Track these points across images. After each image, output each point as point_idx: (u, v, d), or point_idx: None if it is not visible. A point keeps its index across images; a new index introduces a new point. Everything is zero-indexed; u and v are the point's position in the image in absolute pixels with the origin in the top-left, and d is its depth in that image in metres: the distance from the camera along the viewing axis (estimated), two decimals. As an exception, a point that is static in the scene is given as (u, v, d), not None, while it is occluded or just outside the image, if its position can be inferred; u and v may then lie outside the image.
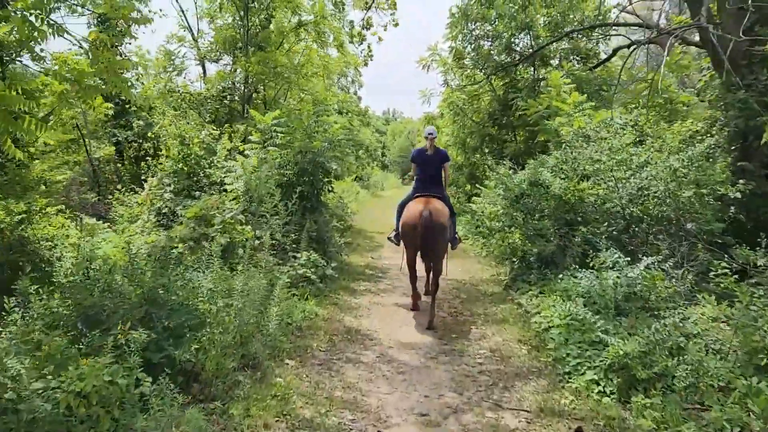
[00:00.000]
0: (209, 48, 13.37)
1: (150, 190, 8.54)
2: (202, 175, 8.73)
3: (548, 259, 7.59)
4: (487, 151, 15.22)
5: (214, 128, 9.80)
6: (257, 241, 6.95)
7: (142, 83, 12.64)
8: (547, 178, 8.00)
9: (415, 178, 7.13)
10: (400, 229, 6.79)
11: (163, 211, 8.07)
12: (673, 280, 5.98)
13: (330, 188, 8.91)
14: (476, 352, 5.52)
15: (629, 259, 6.02)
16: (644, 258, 5.92)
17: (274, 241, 7.34)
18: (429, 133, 7.05)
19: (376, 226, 14.80)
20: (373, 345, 5.58)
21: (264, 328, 5.01)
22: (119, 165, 12.37)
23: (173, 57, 13.14)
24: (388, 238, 7.47)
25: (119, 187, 10.38)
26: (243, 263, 5.57)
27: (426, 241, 6.27)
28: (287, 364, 4.89)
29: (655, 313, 5.41)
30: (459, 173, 15.83)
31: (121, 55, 11.83)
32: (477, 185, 15.71)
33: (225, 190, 7.98)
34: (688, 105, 11.44)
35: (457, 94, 14.80)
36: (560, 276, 6.99)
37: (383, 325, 6.24)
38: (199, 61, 13.38)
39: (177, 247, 6.11)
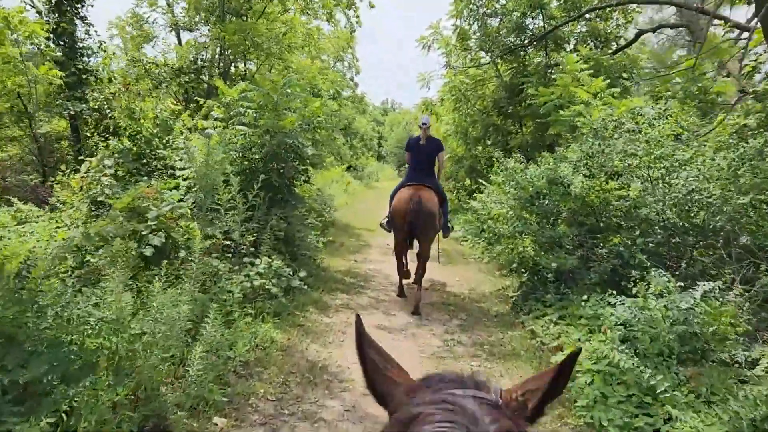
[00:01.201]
0: (184, 14, 11.84)
1: (86, 173, 7.07)
2: (153, 157, 7.26)
3: (567, 275, 6.18)
4: (490, 142, 13.81)
5: (174, 102, 8.33)
6: (207, 243, 5.50)
7: (104, 51, 11.09)
8: (568, 176, 6.57)
9: (407, 166, 7.12)
10: (389, 216, 6.82)
11: (99, 199, 6.59)
12: (739, 312, 4.58)
13: (306, 178, 7.45)
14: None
15: (682, 284, 4.62)
16: (700, 283, 4.52)
17: (228, 242, 5.90)
18: (423, 123, 6.92)
19: (366, 221, 13.34)
20: (342, 390, 4.15)
21: (187, 371, 3.57)
22: (73, 143, 10.85)
23: (142, 22, 11.61)
24: (381, 224, 7.47)
25: (63, 168, 8.87)
26: (170, 274, 4.14)
27: (414, 227, 6.29)
28: (214, 425, 3.46)
29: (724, 360, 4.02)
30: (459, 166, 14.39)
31: (82, 20, 10.35)
32: (478, 180, 14.31)
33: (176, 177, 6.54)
34: (720, 96, 10.02)
35: (460, 77, 13.33)
36: (584, 298, 5.58)
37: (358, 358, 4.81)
38: (172, 28, 11.85)
39: (88, 250, 4.66)
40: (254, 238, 6.07)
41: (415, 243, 6.71)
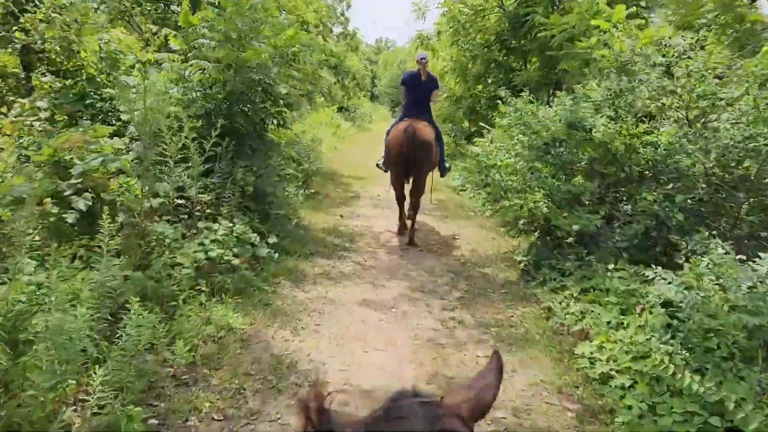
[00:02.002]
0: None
1: (17, 116, 5.95)
2: (99, 98, 6.11)
3: (589, 238, 5.22)
4: (490, 80, 12.60)
5: (124, 31, 7.08)
6: (149, 203, 4.48)
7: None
8: (590, 118, 5.50)
9: (402, 103, 6.93)
10: (386, 149, 6.62)
11: (30, 147, 5.50)
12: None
13: (281, 121, 6.32)
14: (490, 414, 3.20)
15: (743, 257, 3.67)
16: (764, 255, 3.58)
17: (181, 202, 4.87)
18: (422, 58, 6.68)
19: (356, 167, 12.27)
20: (313, 399, 3.24)
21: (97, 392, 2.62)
22: (25, 81, 9.59)
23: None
24: (377, 165, 7.31)
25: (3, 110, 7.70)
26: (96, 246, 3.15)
27: (409, 159, 6.14)
28: (130, 468, 2.54)
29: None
30: (457, 107, 13.21)
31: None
32: (479, 122, 13.15)
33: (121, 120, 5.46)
34: (757, 25, 8.83)
35: (459, 6, 11.96)
36: (610, 267, 4.64)
37: (336, 348, 3.88)
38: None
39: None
40: (213, 197, 5.04)
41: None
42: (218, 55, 5.40)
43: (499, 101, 12.54)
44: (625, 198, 5.72)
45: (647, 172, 5.83)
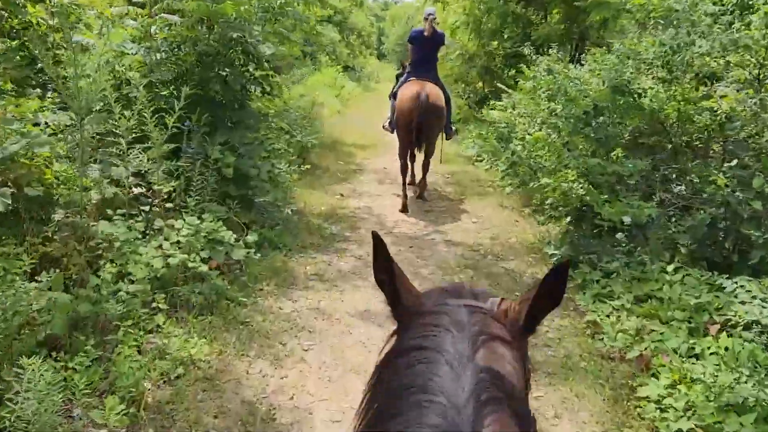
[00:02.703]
0: None
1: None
2: (51, 62, 5.15)
3: (635, 228, 4.29)
4: (506, 36, 11.44)
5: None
6: (95, 196, 3.60)
7: None
8: (637, 80, 4.50)
9: (410, 61, 6.85)
10: (395, 113, 6.45)
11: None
12: None
13: (266, 88, 5.34)
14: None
15: None
16: None
17: (140, 191, 3.99)
18: (429, 14, 6.63)
19: (361, 134, 11.28)
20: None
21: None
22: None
23: None
24: (383, 126, 7.30)
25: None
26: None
27: (422, 125, 6.04)
28: None
29: None
30: (470, 65, 12.06)
31: None
32: (494, 83, 12.04)
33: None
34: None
35: (473, -48, 10.72)
36: (670, 268, 3.76)
37: (328, 386, 3.03)
38: None
39: None
40: (182, 183, 4.13)
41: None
42: (188, 6, 4.41)
43: (519, 60, 11.49)
44: (674, 176, 4.78)
45: (704, 145, 4.87)
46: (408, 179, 6.58)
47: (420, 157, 6.60)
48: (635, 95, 4.43)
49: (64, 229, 3.40)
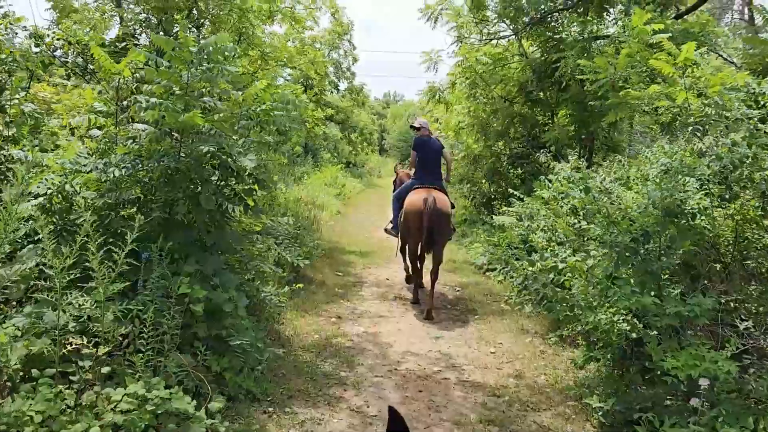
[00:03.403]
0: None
1: None
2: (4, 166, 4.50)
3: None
4: (512, 137, 11.02)
5: (49, 84, 5.55)
6: (19, 352, 2.78)
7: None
8: (691, 199, 3.77)
9: (414, 168, 6.96)
10: (401, 218, 6.65)
11: None
12: None
13: (251, 203, 4.62)
14: None
15: None
16: None
17: (80, 342, 3.16)
18: (422, 125, 7.00)
19: (361, 239, 10.59)
20: None
21: None
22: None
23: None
24: (385, 230, 7.54)
25: None
26: None
27: (432, 231, 6.16)
28: None
29: None
30: (475, 167, 11.57)
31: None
32: (500, 183, 11.50)
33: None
34: None
35: (476, 54, 10.48)
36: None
37: None
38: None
39: None
40: (136, 328, 3.31)
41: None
42: (149, 117, 3.77)
43: (525, 160, 11.00)
44: (734, 307, 3.95)
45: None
46: (413, 278, 6.90)
47: (428, 264, 6.57)
48: (689, 216, 3.70)
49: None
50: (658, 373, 3.50)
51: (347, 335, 5.41)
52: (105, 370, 3.01)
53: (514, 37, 10.75)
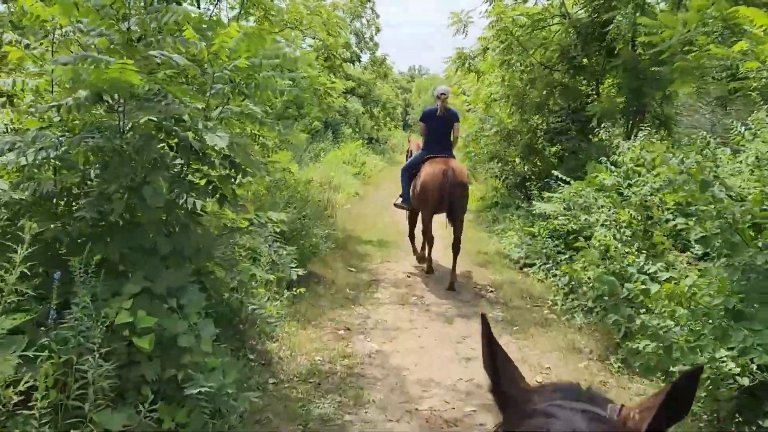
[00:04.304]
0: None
1: None
2: None
3: None
4: (557, 108, 9.75)
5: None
6: None
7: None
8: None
9: (424, 140, 6.87)
10: (418, 190, 6.42)
11: None
12: None
13: (226, 193, 3.53)
14: None
15: None
16: None
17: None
18: (442, 93, 6.75)
19: (380, 226, 9.52)
20: None
21: None
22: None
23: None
24: (395, 204, 7.42)
25: None
26: None
27: (453, 203, 6.16)
28: None
29: None
30: (508, 143, 10.32)
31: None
32: (536, 162, 10.28)
33: None
34: None
35: (513, 14, 9.18)
36: None
37: None
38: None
39: None
40: (32, 384, 2.29)
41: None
42: (85, 76, 2.70)
43: (561, 136, 9.75)
44: None
45: None
46: (425, 252, 6.79)
47: (448, 236, 6.48)
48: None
49: None
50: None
51: (356, 356, 4.36)
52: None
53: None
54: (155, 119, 2.65)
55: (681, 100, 9.56)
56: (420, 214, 6.69)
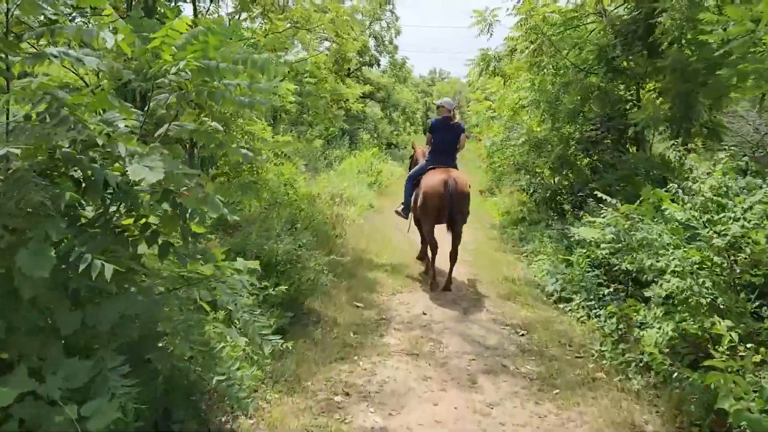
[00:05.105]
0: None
1: None
2: None
3: None
4: (592, 116, 8.73)
5: None
6: None
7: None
8: None
9: (429, 150, 6.98)
10: (420, 199, 6.46)
11: None
12: None
13: (176, 242, 2.63)
14: None
15: None
16: None
17: None
18: (452, 105, 6.84)
19: (395, 243, 8.60)
20: None
21: None
22: None
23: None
24: (396, 212, 7.46)
25: None
26: None
27: (453, 212, 6.21)
28: None
29: None
30: (539, 153, 9.31)
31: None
32: (569, 175, 9.26)
33: None
34: None
35: (544, 11, 8.21)
36: None
37: None
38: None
39: None
40: None
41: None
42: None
43: (598, 146, 8.73)
44: None
45: None
46: (429, 260, 6.71)
47: (447, 245, 6.46)
48: None
49: None
50: None
51: (379, 415, 3.43)
52: None
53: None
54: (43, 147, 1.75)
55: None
56: (422, 223, 6.78)
